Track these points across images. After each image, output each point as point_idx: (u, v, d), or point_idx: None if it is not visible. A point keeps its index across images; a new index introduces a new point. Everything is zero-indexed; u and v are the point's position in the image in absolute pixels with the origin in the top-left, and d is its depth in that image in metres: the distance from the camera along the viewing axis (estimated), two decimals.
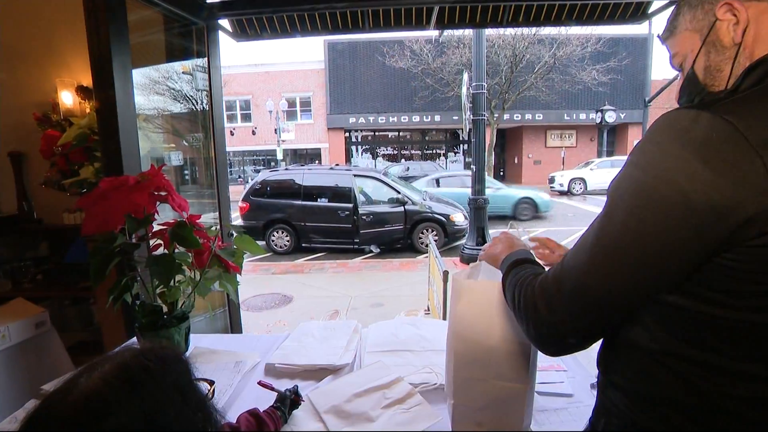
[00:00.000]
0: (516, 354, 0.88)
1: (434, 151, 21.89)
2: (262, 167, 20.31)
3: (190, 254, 1.32)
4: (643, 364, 0.61)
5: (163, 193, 1.30)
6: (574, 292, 0.59)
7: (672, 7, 0.70)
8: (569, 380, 1.23)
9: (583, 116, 18.56)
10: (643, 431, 0.62)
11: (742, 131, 0.48)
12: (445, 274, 2.80)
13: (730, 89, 0.60)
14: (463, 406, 0.94)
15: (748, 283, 0.51)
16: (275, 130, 17.94)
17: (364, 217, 7.12)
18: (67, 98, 2.24)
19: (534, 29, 13.84)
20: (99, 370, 0.52)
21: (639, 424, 0.62)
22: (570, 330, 0.60)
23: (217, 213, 2.60)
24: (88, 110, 2.25)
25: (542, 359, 1.13)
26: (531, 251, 0.86)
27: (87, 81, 2.22)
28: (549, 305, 0.61)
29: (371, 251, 7.13)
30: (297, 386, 1.11)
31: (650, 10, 2.60)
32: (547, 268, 0.69)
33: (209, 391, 1.04)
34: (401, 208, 7.29)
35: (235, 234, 1.43)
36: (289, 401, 1.06)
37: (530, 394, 0.94)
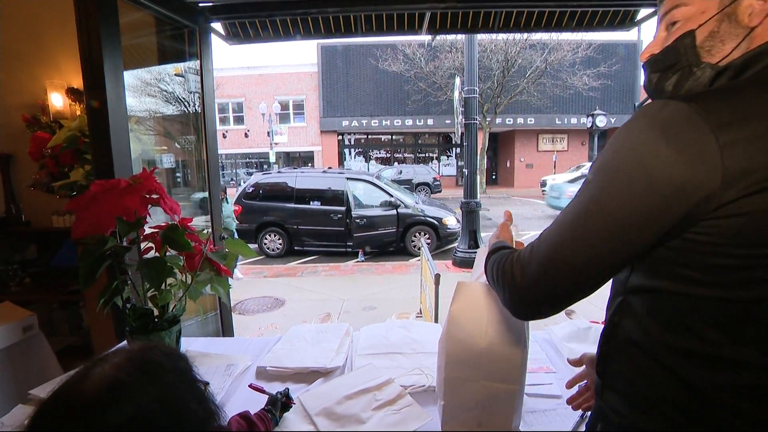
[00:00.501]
0: (507, 356, 0.89)
1: (427, 155, 21.98)
2: (254, 170, 20.23)
3: (181, 257, 1.31)
4: (638, 362, 0.63)
5: (154, 196, 1.30)
6: (546, 259, 0.62)
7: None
8: (558, 382, 1.24)
9: (574, 120, 18.78)
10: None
11: (700, 113, 0.52)
12: (437, 277, 2.82)
13: (708, 82, 0.61)
14: (453, 406, 0.94)
15: (720, 256, 0.53)
16: (268, 132, 17.89)
17: (358, 221, 7.10)
18: (57, 100, 2.23)
19: (525, 35, 13.99)
20: (111, 362, 0.53)
21: (637, 426, 0.63)
22: (541, 295, 0.64)
23: (209, 216, 2.59)
24: (78, 112, 2.24)
25: (531, 362, 1.15)
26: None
27: (77, 83, 2.21)
28: (523, 271, 0.65)
29: (361, 258, 7.09)
30: (288, 389, 1.11)
31: (638, 18, 2.66)
32: None
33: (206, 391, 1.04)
34: (394, 211, 7.31)
35: (226, 237, 1.43)
36: (280, 404, 1.06)
37: (520, 395, 0.95)
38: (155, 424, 0.49)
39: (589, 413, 0.95)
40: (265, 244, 7.71)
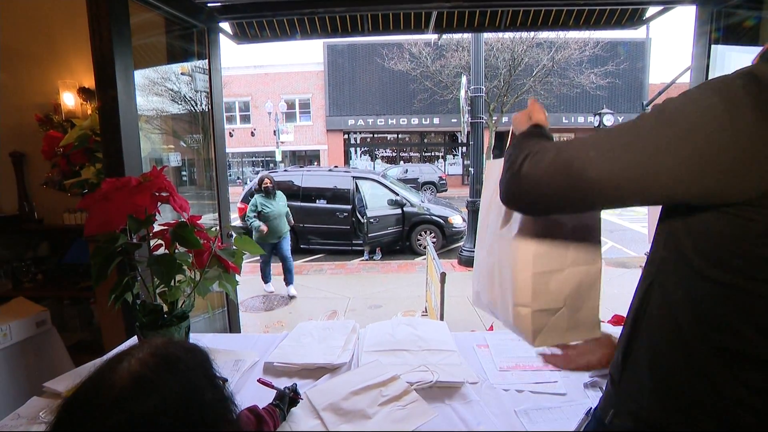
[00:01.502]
0: (587, 232, 0.81)
1: (433, 154, 21.92)
2: (260, 168, 20.32)
3: (190, 254, 1.33)
4: (663, 351, 0.60)
5: (164, 194, 1.32)
6: (564, 161, 0.59)
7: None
8: (563, 380, 1.25)
9: (581, 119, 18.63)
10: (657, 424, 0.60)
11: None
12: (443, 276, 2.82)
13: None
14: (540, 311, 0.80)
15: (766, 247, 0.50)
16: (274, 131, 17.96)
17: (372, 221, 6.93)
18: (69, 99, 2.26)
19: (532, 33, 13.90)
20: (136, 357, 0.55)
21: (653, 417, 0.61)
22: (538, 192, 0.61)
23: (217, 214, 2.62)
24: (89, 111, 2.27)
25: (536, 360, 1.14)
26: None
27: (89, 82, 2.24)
28: (536, 163, 0.61)
29: (373, 258, 7.03)
30: (296, 384, 1.12)
31: (646, 16, 2.64)
32: None
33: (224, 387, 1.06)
34: (399, 210, 7.30)
35: (234, 235, 1.44)
36: (288, 399, 1.07)
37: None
38: (178, 416, 0.51)
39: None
40: None
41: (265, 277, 5.26)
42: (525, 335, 0.82)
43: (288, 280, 5.10)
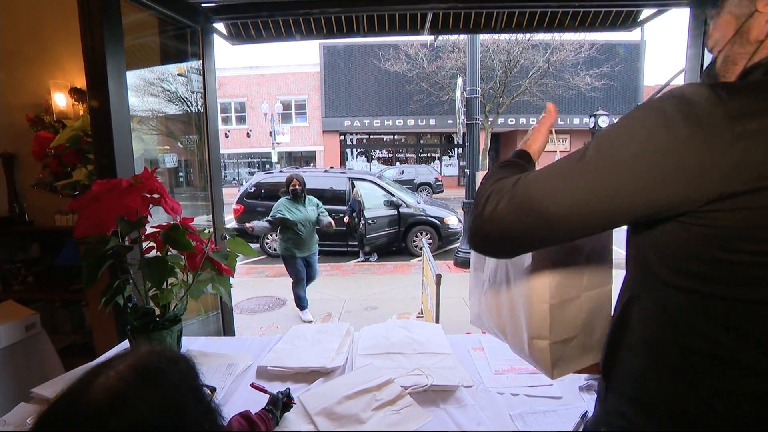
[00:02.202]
0: (601, 254, 0.79)
1: (429, 155, 21.95)
2: (256, 170, 20.25)
3: (182, 257, 1.32)
4: (644, 363, 0.62)
5: (156, 196, 1.30)
6: (526, 197, 0.59)
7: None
8: (558, 383, 1.24)
9: (576, 121, 18.72)
10: None
11: (721, 99, 0.51)
12: (438, 277, 2.82)
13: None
14: (558, 341, 0.78)
15: (728, 251, 0.53)
16: (270, 132, 17.90)
17: (371, 222, 6.84)
18: (61, 100, 2.23)
19: (528, 35, 13.96)
20: (115, 370, 0.53)
21: (643, 429, 0.62)
22: (503, 235, 0.61)
23: (211, 215, 2.60)
24: (81, 112, 2.25)
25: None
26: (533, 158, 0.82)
27: (81, 83, 2.22)
28: (497, 204, 0.61)
29: (369, 260, 7.02)
30: (289, 389, 1.11)
31: (640, 18, 2.65)
32: None
33: (211, 397, 1.04)
34: (395, 212, 7.29)
35: (228, 236, 1.43)
36: (281, 404, 1.06)
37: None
38: None
39: (590, 414, 0.95)
40: (267, 243, 7.72)
41: (301, 303, 4.32)
42: (543, 367, 0.80)
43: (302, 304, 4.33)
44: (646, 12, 2.61)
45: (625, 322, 0.66)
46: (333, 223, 4.29)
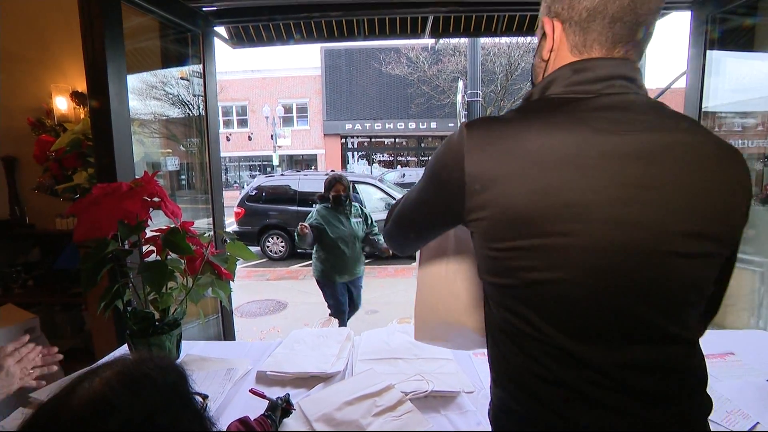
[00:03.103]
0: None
1: (430, 158, 21.97)
2: (258, 173, 20.31)
3: (182, 261, 1.31)
4: (497, 348, 0.68)
5: (156, 200, 1.30)
6: (395, 216, 0.83)
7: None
8: None
9: None
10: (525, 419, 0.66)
11: (468, 128, 0.62)
12: None
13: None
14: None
15: (486, 249, 0.62)
16: (271, 135, 17.96)
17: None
18: (62, 104, 2.24)
19: (529, 38, 13.99)
20: (100, 376, 0.53)
21: (508, 405, 0.67)
22: (391, 240, 0.88)
23: (211, 219, 2.60)
24: (82, 116, 2.25)
25: None
26: None
27: (82, 87, 2.22)
28: (387, 218, 0.87)
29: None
30: (288, 394, 1.10)
31: None
32: None
33: (203, 405, 1.03)
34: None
35: (227, 240, 1.43)
36: (281, 409, 1.05)
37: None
38: None
39: None
40: (268, 246, 7.72)
41: None
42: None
43: None
44: None
45: (486, 312, 0.74)
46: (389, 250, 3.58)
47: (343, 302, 3.26)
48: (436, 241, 0.93)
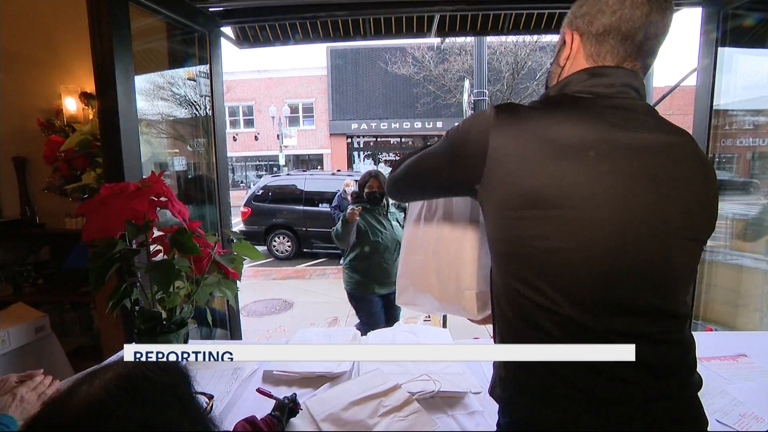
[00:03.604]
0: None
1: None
2: (264, 172, 20.38)
3: (189, 260, 1.32)
4: (504, 321, 0.72)
5: (163, 199, 1.30)
6: (405, 166, 0.87)
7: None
8: None
9: None
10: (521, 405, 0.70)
11: (497, 111, 0.68)
12: None
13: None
14: (482, 291, 0.98)
15: (500, 217, 0.68)
16: (278, 135, 18.00)
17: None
18: (71, 104, 2.26)
19: (535, 37, 13.90)
20: (100, 378, 0.53)
21: (518, 378, 0.70)
22: (392, 187, 0.94)
23: (218, 218, 2.61)
24: (91, 116, 2.27)
25: None
26: None
27: (91, 87, 2.24)
28: (396, 167, 0.92)
29: None
30: (295, 394, 1.10)
31: None
32: None
33: (208, 405, 1.04)
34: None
35: (234, 240, 1.43)
36: (287, 409, 1.05)
37: None
38: None
39: None
40: (274, 246, 7.75)
41: None
42: (470, 312, 1.00)
43: None
44: None
45: (494, 281, 0.77)
46: None
47: (379, 321, 2.73)
48: (424, 205, 1.07)
